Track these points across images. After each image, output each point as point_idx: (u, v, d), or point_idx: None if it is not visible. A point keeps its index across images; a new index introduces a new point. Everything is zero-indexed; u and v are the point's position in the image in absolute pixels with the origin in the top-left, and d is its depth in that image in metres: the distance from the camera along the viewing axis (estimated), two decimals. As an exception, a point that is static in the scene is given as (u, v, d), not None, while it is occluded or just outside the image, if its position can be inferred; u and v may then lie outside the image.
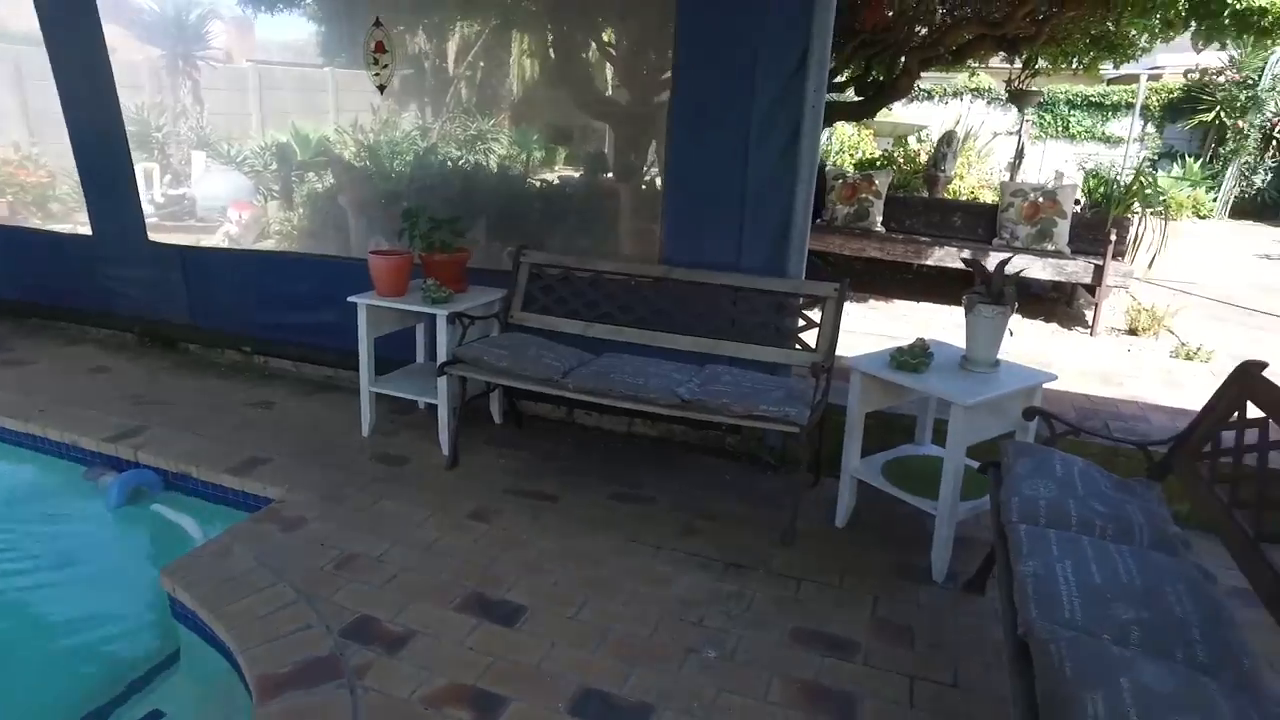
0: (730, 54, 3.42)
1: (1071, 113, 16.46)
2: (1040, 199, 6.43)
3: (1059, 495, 2.29)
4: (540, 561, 2.99)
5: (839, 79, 7.63)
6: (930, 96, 17.02)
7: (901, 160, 10.05)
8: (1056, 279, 6.38)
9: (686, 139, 3.62)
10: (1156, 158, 15.25)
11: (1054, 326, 6.32)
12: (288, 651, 2.41)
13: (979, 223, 6.79)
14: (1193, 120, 14.64)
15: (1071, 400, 4.54)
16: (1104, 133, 16.14)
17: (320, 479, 3.56)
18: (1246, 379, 2.33)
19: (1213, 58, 13.48)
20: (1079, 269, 6.17)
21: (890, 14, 6.68)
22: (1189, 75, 15.01)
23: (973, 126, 13.50)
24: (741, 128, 3.44)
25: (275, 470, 3.63)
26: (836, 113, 7.60)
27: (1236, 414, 2.31)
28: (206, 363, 5.15)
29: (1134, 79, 14.40)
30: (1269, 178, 14.04)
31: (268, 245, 6.26)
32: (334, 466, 3.69)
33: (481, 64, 5.45)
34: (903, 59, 7.14)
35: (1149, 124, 15.67)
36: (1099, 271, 6.04)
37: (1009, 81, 8.95)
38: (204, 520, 3.49)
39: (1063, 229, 6.37)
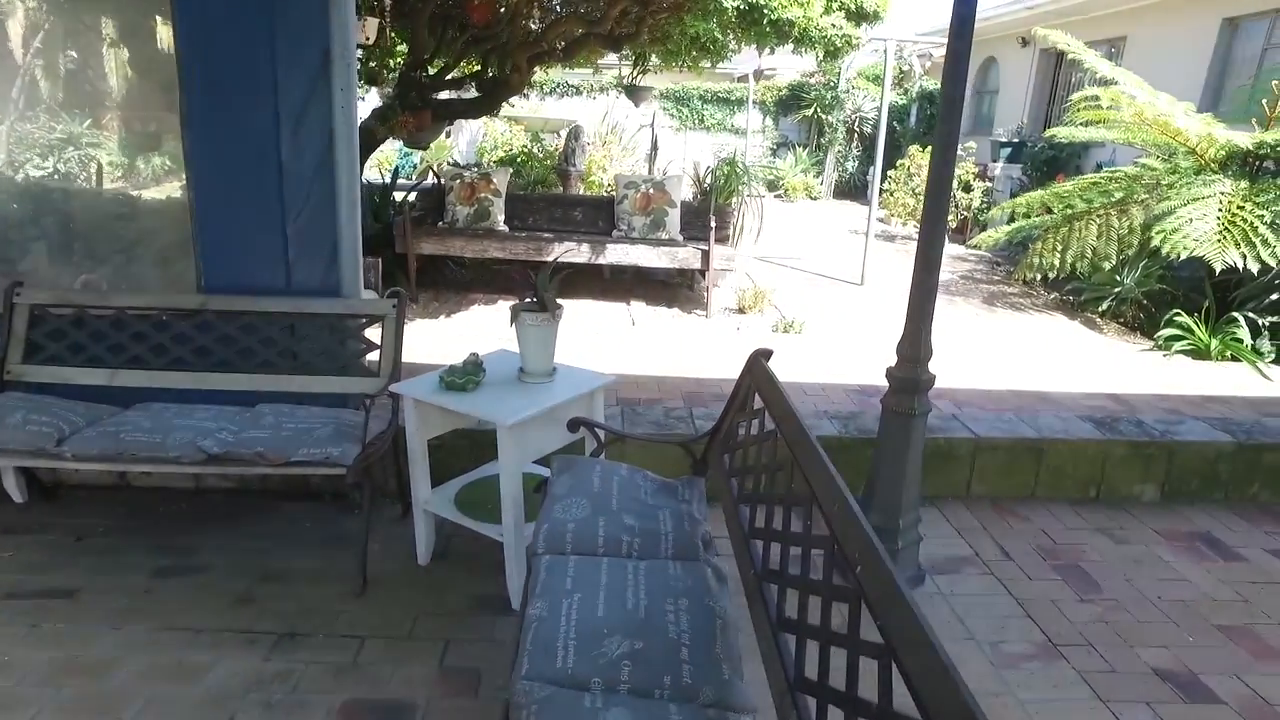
0: (241, 46, 2.95)
1: (705, 107, 17.96)
2: (651, 190, 6.70)
3: (590, 515, 2.20)
4: (21, 690, 2.33)
5: (452, 75, 7.39)
6: (579, 92, 17.58)
7: (541, 155, 10.12)
8: (672, 266, 6.71)
9: (207, 149, 3.07)
10: (775, 147, 17.21)
11: (675, 311, 6.65)
12: None
13: (599, 216, 6.94)
14: (799, 115, 16.70)
15: (681, 386, 4.70)
16: (733, 125, 17.83)
17: None
18: (755, 370, 2.40)
19: (809, 62, 15.41)
20: (689, 255, 6.54)
21: (501, 9, 6.56)
22: (765, 76, 17.07)
23: (619, 121, 14.14)
24: (268, 134, 3.00)
25: None
26: (454, 110, 7.35)
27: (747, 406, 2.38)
28: None
29: (746, 77, 16.06)
30: (856, 164, 16.48)
31: None
32: None
33: (72, 52, 4.38)
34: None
35: (767, 117, 17.59)
36: (706, 257, 6.45)
37: (620, 78, 9.34)
38: None
39: (674, 218, 6.71)
